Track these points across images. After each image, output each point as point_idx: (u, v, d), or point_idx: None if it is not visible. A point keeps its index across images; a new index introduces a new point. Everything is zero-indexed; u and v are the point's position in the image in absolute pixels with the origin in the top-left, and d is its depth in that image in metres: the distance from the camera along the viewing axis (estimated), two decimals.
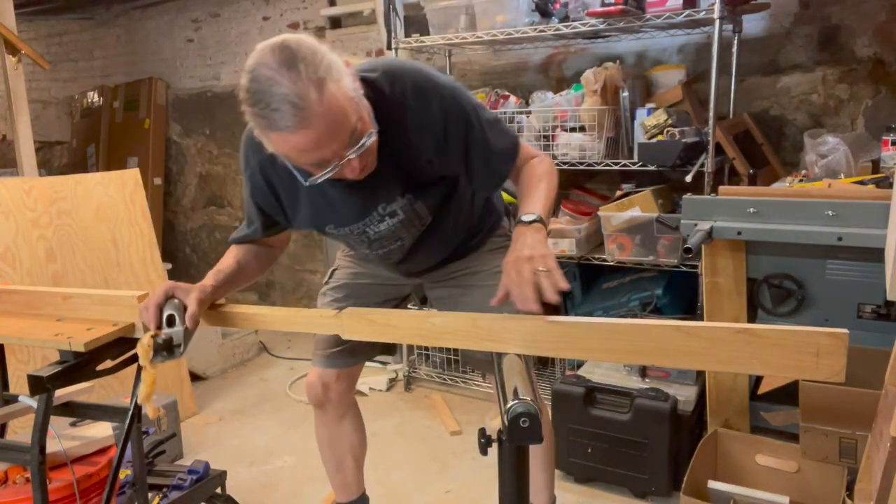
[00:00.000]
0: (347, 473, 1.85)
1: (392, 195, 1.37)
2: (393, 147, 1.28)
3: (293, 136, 1.08)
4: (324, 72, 1.07)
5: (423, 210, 1.44)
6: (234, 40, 4.36)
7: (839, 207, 1.80)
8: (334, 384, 1.72)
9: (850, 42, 2.56)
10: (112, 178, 2.82)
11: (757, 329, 1.01)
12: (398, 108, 1.26)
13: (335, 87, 1.08)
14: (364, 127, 1.15)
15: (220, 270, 1.42)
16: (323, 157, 1.12)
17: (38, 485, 1.41)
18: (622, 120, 2.62)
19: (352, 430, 1.83)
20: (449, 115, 1.29)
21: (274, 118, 1.06)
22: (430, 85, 1.28)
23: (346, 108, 1.10)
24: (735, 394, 2.17)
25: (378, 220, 1.41)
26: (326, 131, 1.08)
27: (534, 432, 0.93)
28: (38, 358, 2.40)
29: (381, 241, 1.47)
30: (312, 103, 1.05)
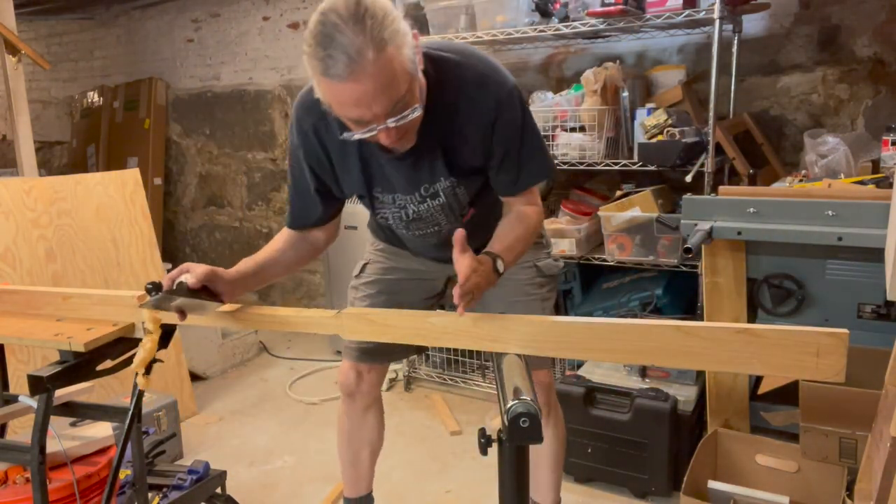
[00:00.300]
0: (361, 467, 1.86)
1: (436, 176, 1.39)
2: (443, 129, 1.31)
3: (340, 87, 1.09)
4: (388, 35, 1.08)
5: (464, 197, 1.45)
6: (234, 40, 4.36)
7: (839, 207, 1.80)
8: (367, 374, 1.74)
9: (850, 42, 2.56)
10: (112, 178, 2.82)
11: (757, 329, 1.01)
12: (456, 92, 1.29)
13: (394, 52, 1.09)
14: (411, 100, 1.16)
15: (250, 258, 1.43)
16: (363, 116, 1.13)
17: (38, 485, 1.41)
18: (622, 120, 2.62)
19: (374, 424, 1.84)
20: (502, 111, 1.31)
21: (328, 64, 1.07)
22: (492, 77, 1.31)
23: (399, 76, 1.11)
24: (735, 394, 2.17)
25: (419, 200, 1.42)
26: (373, 91, 1.09)
27: (534, 432, 0.93)
28: (38, 358, 2.40)
29: (419, 222, 1.48)
30: (367, 61, 1.06)
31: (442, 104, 1.28)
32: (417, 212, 1.45)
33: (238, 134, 4.49)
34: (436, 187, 1.41)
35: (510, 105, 1.32)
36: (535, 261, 1.64)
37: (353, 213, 3.29)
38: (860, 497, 1.35)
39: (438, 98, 1.27)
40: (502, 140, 1.34)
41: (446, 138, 1.33)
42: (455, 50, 1.32)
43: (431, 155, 1.35)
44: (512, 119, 1.33)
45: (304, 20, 4.03)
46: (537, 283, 1.65)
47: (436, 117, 1.28)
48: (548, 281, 1.68)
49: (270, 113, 4.28)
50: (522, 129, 1.35)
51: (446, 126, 1.31)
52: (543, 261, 1.66)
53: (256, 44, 4.26)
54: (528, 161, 1.39)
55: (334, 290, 3.61)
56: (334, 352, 3.72)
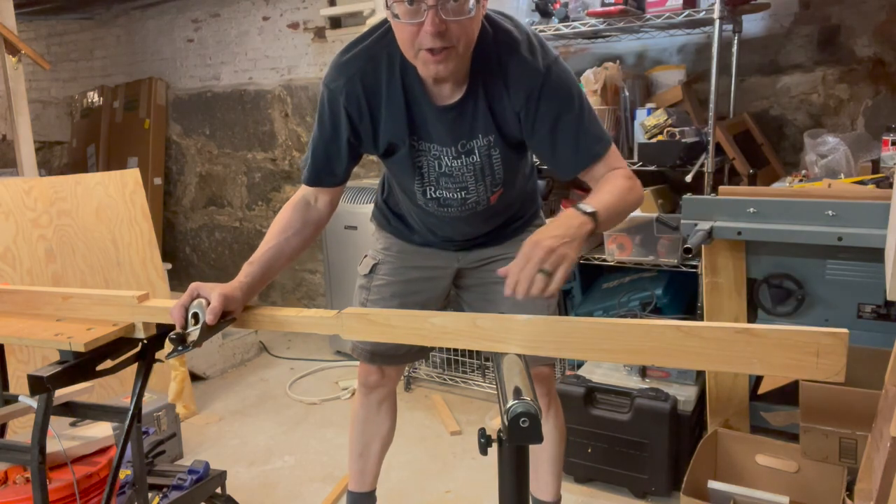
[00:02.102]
0: (369, 461, 1.87)
1: (475, 131, 1.39)
2: (491, 86, 1.32)
3: None
4: None
5: (498, 165, 1.44)
6: (234, 40, 4.36)
7: (839, 207, 1.80)
8: (387, 368, 1.76)
9: (850, 42, 2.56)
10: (112, 178, 2.82)
11: (757, 329, 1.01)
12: (506, 52, 1.30)
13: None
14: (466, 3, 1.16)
15: (252, 262, 1.41)
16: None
17: (38, 485, 1.41)
18: (622, 120, 2.62)
19: (387, 417, 1.85)
20: (550, 77, 1.31)
21: None
22: (539, 44, 1.32)
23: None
24: (735, 394, 2.17)
25: (454, 155, 1.42)
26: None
27: (534, 432, 0.93)
28: (38, 358, 2.40)
29: (448, 178, 1.46)
30: None
31: (494, 63, 1.30)
32: (450, 167, 1.44)
33: (238, 134, 4.49)
34: (472, 143, 1.40)
35: (559, 73, 1.32)
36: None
37: (353, 213, 3.30)
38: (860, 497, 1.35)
39: (491, 56, 1.30)
40: (551, 109, 1.32)
41: (492, 95, 1.34)
42: (512, 18, 1.36)
43: (475, 109, 1.35)
44: (560, 87, 1.32)
45: (304, 20, 4.03)
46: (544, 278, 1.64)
47: (485, 74, 1.31)
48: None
49: (270, 113, 4.28)
50: (573, 98, 1.34)
51: (494, 85, 1.32)
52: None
53: (256, 44, 4.26)
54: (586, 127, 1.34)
55: (334, 290, 3.61)
56: (334, 352, 3.72)
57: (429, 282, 1.71)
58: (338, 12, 3.89)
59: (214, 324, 1.27)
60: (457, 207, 1.52)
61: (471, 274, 1.70)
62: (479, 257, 1.67)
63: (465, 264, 1.69)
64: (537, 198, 1.73)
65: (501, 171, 1.46)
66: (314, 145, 1.47)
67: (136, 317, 1.44)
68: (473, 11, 1.18)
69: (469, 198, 1.49)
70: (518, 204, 1.63)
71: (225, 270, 4.74)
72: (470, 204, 1.51)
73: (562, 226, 1.16)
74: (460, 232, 1.61)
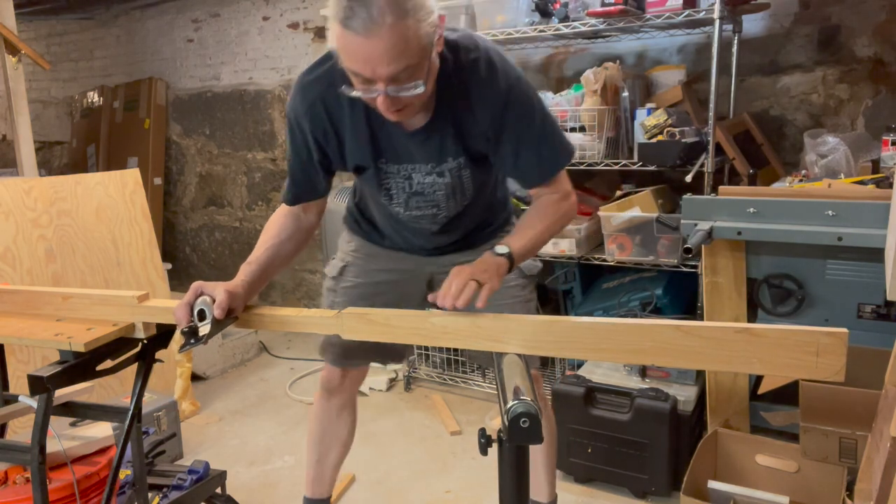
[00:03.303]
0: (326, 468, 1.86)
1: (444, 155, 1.40)
2: (456, 110, 1.33)
3: (353, 39, 1.11)
4: (413, 5, 1.11)
5: (469, 185, 1.46)
6: (234, 40, 4.36)
7: (839, 207, 1.80)
8: (351, 371, 1.76)
9: (850, 42, 2.56)
10: (112, 178, 2.82)
11: (757, 329, 1.02)
12: (468, 73, 1.31)
13: (413, 25, 1.11)
14: (417, 74, 1.17)
15: (250, 262, 1.42)
16: (366, 74, 1.15)
17: (38, 485, 1.41)
18: (622, 120, 2.62)
19: (347, 423, 1.85)
20: (512, 94, 1.33)
21: (348, 14, 1.09)
22: (503, 64, 1.34)
23: (411, 47, 1.13)
24: (735, 394, 2.17)
25: (426, 173, 1.43)
26: (381, 53, 1.11)
27: (534, 432, 0.93)
28: (38, 358, 2.40)
29: (420, 197, 1.48)
30: (384, 25, 1.08)
31: (457, 86, 1.31)
32: (422, 184, 1.45)
33: (238, 134, 4.49)
34: (442, 167, 1.42)
35: (520, 90, 1.34)
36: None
37: None
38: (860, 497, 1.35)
39: (454, 80, 1.30)
40: (514, 124, 1.35)
41: (458, 119, 1.35)
42: (468, 33, 1.37)
43: (442, 133, 1.36)
44: (523, 102, 1.34)
45: (304, 20, 4.03)
46: (520, 285, 1.64)
47: (450, 98, 1.31)
48: (528, 282, 1.67)
49: (270, 113, 4.28)
50: (535, 112, 1.36)
51: (459, 107, 1.33)
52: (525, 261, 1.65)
53: (256, 44, 4.26)
54: (545, 145, 1.39)
55: None
56: None
57: (397, 284, 1.69)
58: None
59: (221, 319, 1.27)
60: (428, 221, 1.54)
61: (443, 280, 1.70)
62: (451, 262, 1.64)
63: (438, 269, 1.68)
64: (509, 204, 1.73)
65: (472, 188, 1.48)
66: (291, 168, 1.49)
67: (136, 317, 1.45)
68: (424, 87, 1.18)
69: (440, 213, 1.52)
70: (489, 211, 1.64)
71: (225, 270, 4.73)
72: (441, 218, 1.53)
73: (483, 262, 1.30)
74: (431, 240, 1.61)
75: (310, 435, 1.86)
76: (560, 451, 2.32)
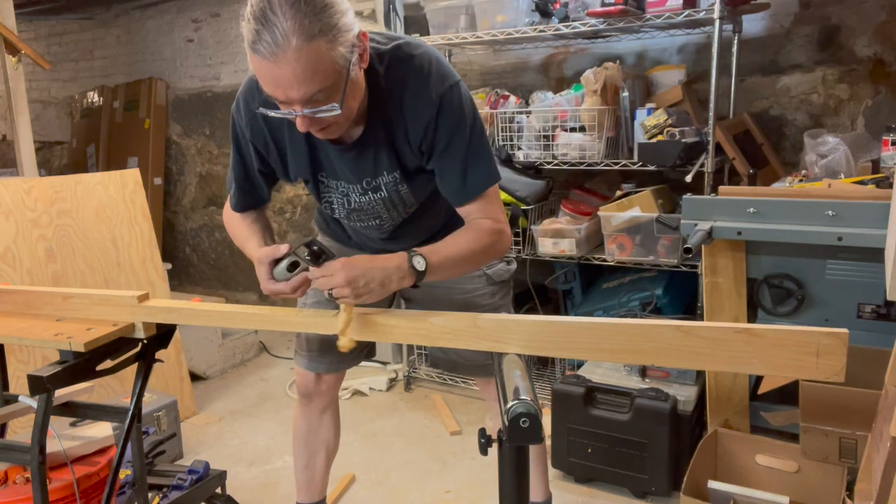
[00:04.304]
0: (316, 471, 1.85)
1: (379, 170, 1.37)
2: (389, 124, 1.30)
3: (262, 63, 1.10)
4: (321, 27, 1.07)
5: (408, 196, 1.43)
6: (234, 40, 4.36)
7: (839, 207, 1.80)
8: (325, 376, 1.73)
9: (850, 42, 2.56)
10: (112, 178, 2.82)
11: (757, 329, 1.02)
12: (399, 86, 1.28)
13: (325, 45, 1.08)
14: (332, 96, 1.14)
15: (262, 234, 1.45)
16: (279, 97, 1.14)
17: (38, 485, 1.41)
18: (622, 120, 2.62)
19: (330, 426, 1.83)
20: (444, 102, 1.28)
21: (255, 37, 1.08)
22: (434, 72, 1.28)
23: (323, 70, 1.10)
24: (735, 394, 2.17)
25: (361, 191, 1.41)
26: (290, 78, 1.09)
27: (534, 432, 0.93)
28: (38, 358, 2.40)
29: (360, 213, 1.47)
30: (290, 48, 1.06)
31: (389, 100, 1.28)
32: (359, 202, 1.44)
33: None
34: (378, 181, 1.39)
35: (451, 101, 1.29)
36: (484, 268, 1.60)
37: None
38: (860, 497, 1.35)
39: (385, 94, 1.27)
40: (444, 136, 1.30)
41: (391, 133, 1.32)
42: (398, 43, 1.30)
43: (376, 148, 1.33)
44: (454, 114, 1.29)
45: None
46: (489, 293, 1.62)
47: (383, 112, 1.28)
48: (499, 288, 1.64)
49: None
50: (463, 125, 1.31)
51: (392, 121, 1.30)
52: (494, 267, 1.62)
53: None
54: (474, 161, 1.33)
55: None
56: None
57: None
58: None
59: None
60: (374, 230, 1.53)
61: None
62: None
63: None
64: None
65: (412, 199, 1.45)
66: (235, 175, 1.47)
67: (136, 317, 1.45)
68: (340, 109, 1.15)
69: (384, 223, 1.50)
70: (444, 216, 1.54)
71: (225, 270, 4.73)
72: (386, 227, 1.51)
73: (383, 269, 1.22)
74: (384, 245, 1.57)
75: (294, 441, 1.85)
76: (560, 451, 2.32)
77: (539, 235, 2.71)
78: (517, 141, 2.77)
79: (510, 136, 2.77)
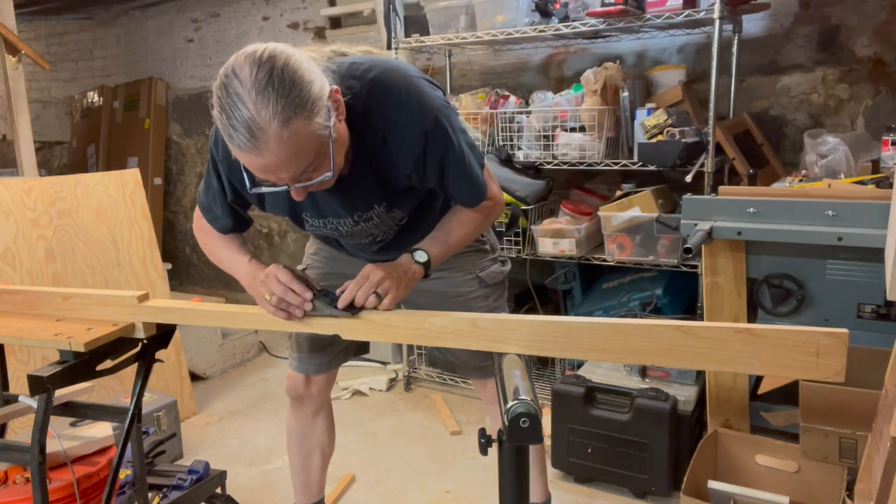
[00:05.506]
0: (312, 472, 1.85)
1: (369, 204, 1.36)
2: (373, 157, 1.27)
3: (241, 154, 1.07)
4: (295, 106, 1.03)
5: (399, 214, 1.43)
6: (234, 40, 4.36)
7: (839, 207, 1.80)
8: (315, 378, 1.73)
9: (850, 42, 2.56)
10: (112, 178, 2.82)
11: (757, 329, 1.02)
12: (381, 122, 1.24)
13: (302, 124, 1.05)
14: (321, 165, 1.12)
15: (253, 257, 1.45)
16: (269, 180, 1.12)
17: (38, 485, 1.41)
18: (622, 120, 2.62)
19: (324, 427, 1.82)
20: (429, 138, 1.26)
21: (231, 133, 1.04)
22: (414, 104, 1.25)
23: (308, 146, 1.07)
24: (735, 394, 2.17)
25: (353, 223, 1.40)
26: (277, 162, 1.06)
27: (534, 432, 0.93)
28: (38, 358, 2.40)
29: (353, 236, 1.47)
30: (270, 136, 1.03)
31: (371, 135, 1.24)
32: (351, 230, 1.42)
33: None
34: (369, 213, 1.38)
35: (436, 135, 1.26)
36: (477, 271, 1.60)
37: None
38: (860, 497, 1.35)
39: (367, 130, 1.23)
40: (434, 168, 1.30)
41: (377, 168, 1.30)
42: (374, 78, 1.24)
43: (363, 184, 1.31)
44: (441, 146, 1.28)
45: (304, 20, 4.03)
46: (482, 296, 1.61)
47: (366, 147, 1.25)
48: (492, 290, 1.64)
49: None
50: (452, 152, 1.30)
51: (377, 156, 1.27)
52: (487, 269, 1.62)
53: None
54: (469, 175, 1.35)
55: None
56: None
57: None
58: (338, 12, 3.89)
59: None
60: (366, 248, 1.52)
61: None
62: None
63: None
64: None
65: (406, 217, 1.44)
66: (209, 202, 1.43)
67: (136, 317, 1.45)
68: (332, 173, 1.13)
69: (377, 239, 1.49)
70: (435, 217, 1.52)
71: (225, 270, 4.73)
72: (378, 240, 1.50)
73: (399, 268, 1.32)
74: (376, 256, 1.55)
75: (289, 445, 1.84)
76: (560, 451, 2.32)
77: (539, 235, 2.71)
78: (517, 141, 2.77)
79: (510, 136, 2.77)
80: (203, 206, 1.48)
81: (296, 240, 4.41)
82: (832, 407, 1.71)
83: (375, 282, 1.27)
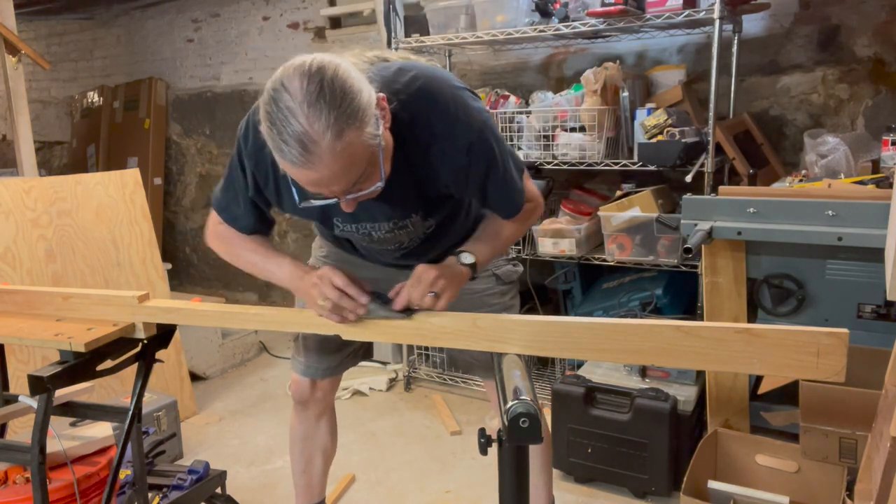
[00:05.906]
0: (314, 475, 1.85)
1: (407, 212, 1.35)
2: (413, 165, 1.26)
3: (292, 169, 1.05)
4: (347, 117, 1.02)
5: (431, 223, 1.43)
6: (234, 40, 4.36)
7: (839, 207, 1.80)
8: (320, 382, 1.73)
9: (850, 42, 2.56)
10: (112, 178, 2.82)
11: (757, 329, 1.02)
12: (426, 132, 1.23)
13: (354, 135, 1.03)
14: (372, 175, 1.11)
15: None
16: (321, 193, 1.11)
17: (38, 485, 1.41)
18: (622, 120, 2.62)
19: (327, 430, 1.83)
20: (473, 151, 1.24)
21: (282, 148, 1.02)
22: (461, 116, 1.23)
23: (359, 156, 1.06)
24: (735, 394, 2.17)
25: (388, 230, 1.39)
26: (330, 176, 1.05)
27: (534, 432, 0.93)
28: (38, 358, 2.40)
29: (382, 242, 1.46)
30: (323, 149, 1.01)
31: (414, 143, 1.23)
32: (383, 238, 1.41)
33: None
34: (405, 221, 1.37)
35: (481, 147, 1.26)
36: (493, 269, 1.60)
37: None
38: (860, 497, 1.35)
39: (410, 137, 1.22)
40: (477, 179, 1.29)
41: (418, 176, 1.28)
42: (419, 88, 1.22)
43: (403, 192, 1.29)
44: (484, 159, 1.27)
45: (304, 20, 4.03)
46: (499, 293, 1.62)
47: (407, 155, 1.23)
48: (509, 288, 1.65)
49: None
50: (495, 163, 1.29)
51: (418, 164, 1.26)
52: (502, 268, 1.63)
53: (256, 44, 4.26)
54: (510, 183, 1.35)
55: None
56: None
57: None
58: (338, 12, 3.89)
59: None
60: (391, 254, 1.51)
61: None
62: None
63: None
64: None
65: (435, 227, 1.44)
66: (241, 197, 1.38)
67: (136, 317, 1.45)
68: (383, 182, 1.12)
69: (404, 244, 1.47)
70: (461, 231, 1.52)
71: (225, 270, 4.73)
72: (404, 247, 1.49)
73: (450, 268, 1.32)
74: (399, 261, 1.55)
75: (291, 447, 1.84)
76: (560, 451, 2.32)
77: (539, 235, 2.71)
78: (517, 141, 2.77)
79: (510, 136, 2.77)
80: (220, 205, 1.43)
81: (296, 240, 4.41)
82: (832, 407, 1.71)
83: (430, 281, 1.25)
